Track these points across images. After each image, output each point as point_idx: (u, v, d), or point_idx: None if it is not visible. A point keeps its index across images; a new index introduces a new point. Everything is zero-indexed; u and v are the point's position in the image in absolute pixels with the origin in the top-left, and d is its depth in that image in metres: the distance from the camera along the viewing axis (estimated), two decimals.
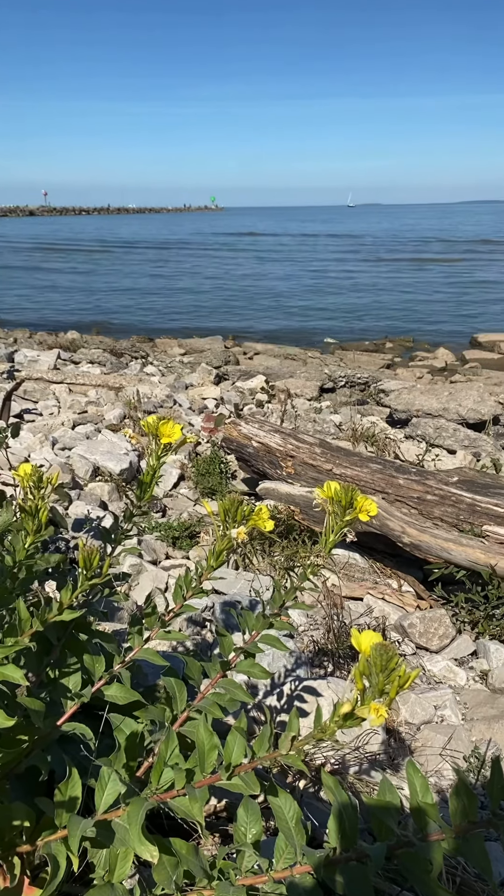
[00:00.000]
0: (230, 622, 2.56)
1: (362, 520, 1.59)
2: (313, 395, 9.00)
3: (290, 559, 3.39)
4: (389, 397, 7.86)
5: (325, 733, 1.06)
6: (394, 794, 1.20)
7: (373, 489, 3.61)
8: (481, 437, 6.31)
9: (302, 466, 3.95)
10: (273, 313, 20.79)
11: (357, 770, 1.93)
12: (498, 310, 20.56)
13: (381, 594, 3.22)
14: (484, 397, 7.35)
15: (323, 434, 6.21)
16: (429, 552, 3.13)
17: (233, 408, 7.29)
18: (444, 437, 6.14)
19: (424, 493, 3.52)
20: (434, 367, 13.49)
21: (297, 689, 2.11)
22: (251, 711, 2.02)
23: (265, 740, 1.16)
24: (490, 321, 18.39)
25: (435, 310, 21.04)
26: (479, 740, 2.22)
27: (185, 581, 1.61)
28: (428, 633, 2.85)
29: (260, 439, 4.19)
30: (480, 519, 3.27)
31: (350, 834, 1.11)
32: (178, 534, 3.71)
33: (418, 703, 2.34)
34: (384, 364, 13.55)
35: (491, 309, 20.89)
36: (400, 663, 1.07)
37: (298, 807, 1.19)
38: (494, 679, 2.59)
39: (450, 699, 2.38)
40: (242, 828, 1.17)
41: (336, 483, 1.59)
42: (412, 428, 6.50)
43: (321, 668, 2.57)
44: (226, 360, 11.74)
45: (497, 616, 2.91)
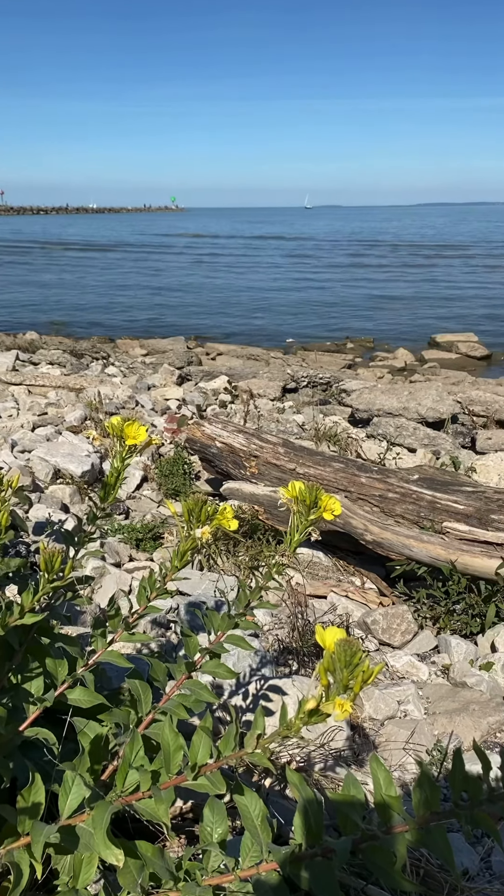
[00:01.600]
0: (195, 623, 2.55)
1: (326, 518, 1.61)
2: (276, 395, 9.03)
3: (255, 559, 3.40)
4: (351, 397, 7.94)
5: (291, 730, 1.07)
6: (358, 788, 1.21)
7: (336, 488, 3.64)
8: (440, 435, 6.42)
9: (266, 466, 3.96)
10: (234, 313, 20.81)
11: (322, 767, 1.94)
12: (454, 311, 20.94)
13: (344, 592, 3.25)
14: (442, 396, 7.48)
15: (286, 434, 6.24)
16: (391, 549, 3.17)
17: (196, 408, 7.27)
18: (404, 436, 6.23)
19: (386, 491, 3.56)
20: (394, 367, 13.67)
21: (262, 689, 2.12)
22: (217, 712, 2.02)
23: (231, 739, 1.16)
24: (447, 322, 18.73)
25: (394, 310, 21.33)
26: (442, 733, 2.26)
27: (149, 582, 1.60)
28: (391, 630, 2.89)
29: (223, 440, 4.19)
30: (440, 516, 3.33)
31: (315, 830, 1.12)
32: (141, 536, 3.68)
33: (382, 699, 2.37)
34: (345, 364, 13.68)
35: (448, 310, 21.27)
36: (364, 658, 1.08)
37: (264, 805, 1.19)
38: (455, 673, 2.64)
39: (412, 694, 2.41)
40: (208, 828, 1.17)
41: (300, 482, 1.60)
42: (373, 427, 6.58)
43: (286, 667, 2.58)
44: (188, 361, 11.70)
45: (457, 611, 2.97)
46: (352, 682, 1.07)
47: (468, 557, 2.94)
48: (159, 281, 28.89)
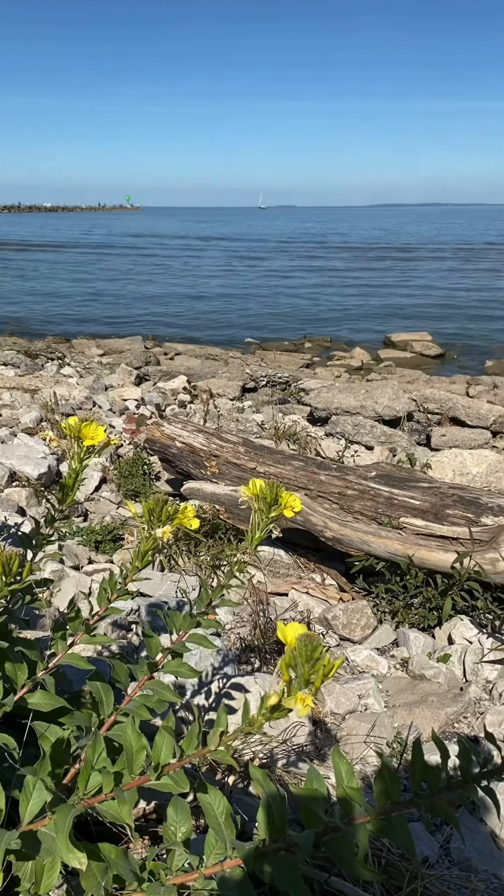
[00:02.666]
0: (157, 624, 2.54)
1: (287, 516, 1.62)
2: (235, 394, 9.04)
3: (217, 558, 3.40)
4: (310, 396, 8.00)
5: (254, 726, 1.08)
6: (321, 782, 1.23)
7: (296, 486, 3.67)
8: (397, 432, 6.52)
9: (226, 466, 3.97)
10: (191, 313, 20.76)
11: (285, 762, 1.96)
12: (407, 310, 21.28)
13: (305, 588, 3.27)
14: (398, 394, 7.60)
15: (246, 433, 6.26)
16: (350, 545, 3.21)
17: (155, 408, 7.23)
18: (362, 434, 6.31)
19: (345, 489, 3.60)
20: (351, 367, 13.83)
21: (224, 687, 2.12)
22: (179, 711, 2.02)
23: (194, 738, 1.17)
24: (401, 321, 19.02)
25: (349, 310, 21.58)
26: (402, 725, 2.30)
27: (109, 583, 1.59)
28: (351, 625, 2.93)
29: (183, 439, 4.18)
30: (398, 511, 3.38)
31: (279, 824, 1.13)
32: (101, 537, 3.64)
33: (343, 694, 2.40)
34: (304, 363, 13.78)
35: (401, 309, 21.61)
36: (325, 653, 1.10)
37: (228, 802, 1.20)
38: (414, 666, 2.69)
39: (373, 688, 2.45)
40: (172, 827, 1.17)
41: (261, 481, 1.61)
42: (332, 425, 6.64)
43: (248, 665, 2.59)
44: (146, 361, 11.62)
45: (415, 605, 3.02)
46: (313, 677, 1.09)
47: (425, 552, 2.99)
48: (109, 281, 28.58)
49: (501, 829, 1.85)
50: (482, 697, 2.51)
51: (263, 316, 20.60)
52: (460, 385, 11.36)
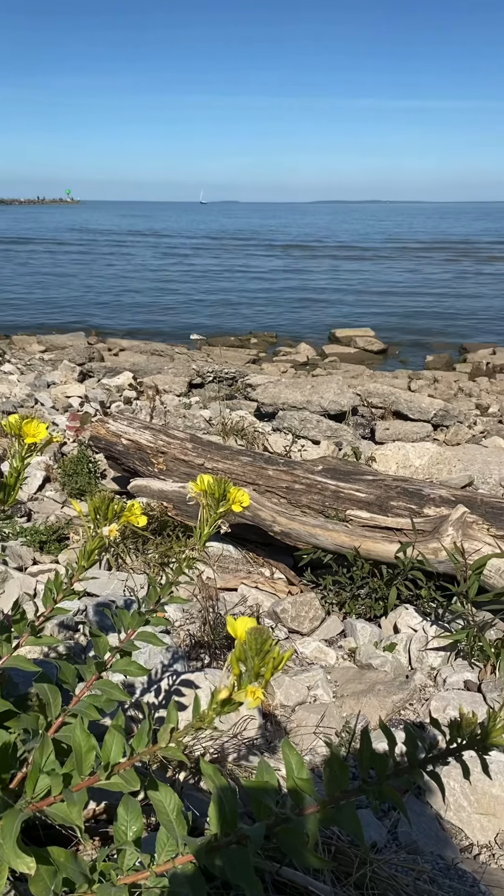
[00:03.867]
0: (105, 623, 2.51)
1: (235, 510, 1.63)
2: (182, 390, 9.00)
3: (165, 555, 3.38)
4: (256, 391, 8.03)
5: (204, 721, 1.08)
6: (271, 774, 1.24)
7: (244, 481, 3.67)
8: (342, 427, 6.62)
9: (174, 462, 3.94)
10: (133, 308, 20.54)
11: (236, 757, 1.97)
12: (352, 307, 21.58)
13: (254, 583, 3.29)
14: (343, 389, 7.71)
15: (193, 429, 6.23)
16: (298, 539, 3.24)
17: (99, 406, 7.12)
18: (308, 429, 6.37)
19: (293, 483, 3.63)
20: (297, 362, 13.94)
21: (174, 684, 2.11)
22: (129, 710, 2.00)
23: (144, 735, 1.16)
24: (344, 317, 19.28)
25: (292, 306, 21.74)
26: (350, 715, 2.34)
27: (55, 584, 1.57)
28: (299, 617, 2.96)
29: (129, 436, 4.13)
30: (344, 504, 3.43)
31: (230, 818, 1.13)
32: (45, 538, 3.57)
33: (292, 686, 2.43)
34: (250, 359, 13.81)
35: (345, 304, 21.91)
36: (274, 645, 1.11)
37: (179, 799, 1.20)
38: (361, 655, 2.74)
39: (321, 679, 2.48)
40: (123, 826, 1.16)
41: (209, 476, 1.61)
42: (279, 420, 6.68)
43: (198, 661, 2.59)
44: (90, 357, 11.43)
45: (362, 596, 3.08)
46: (263, 670, 1.09)
47: (370, 543, 3.05)
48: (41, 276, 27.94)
49: (446, 811, 1.91)
50: (427, 684, 2.58)
51: (207, 311, 20.55)
52: (402, 380, 11.60)
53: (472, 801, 1.91)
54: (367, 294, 24.48)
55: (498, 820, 1.90)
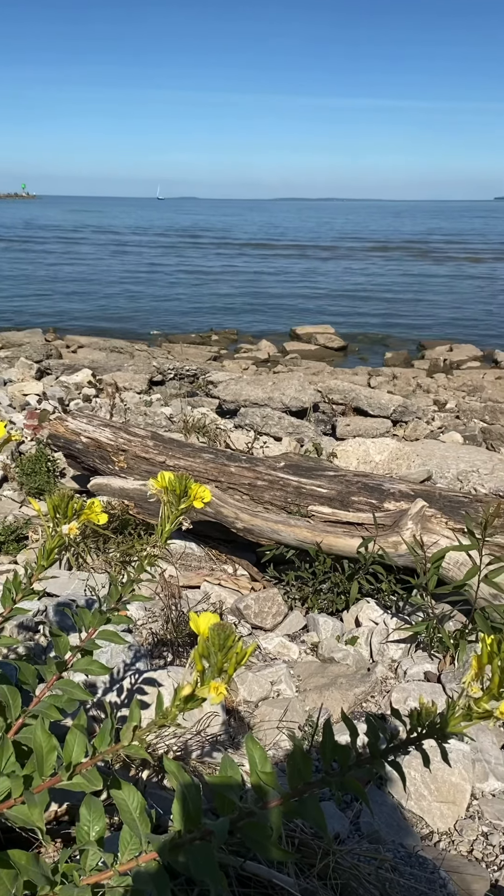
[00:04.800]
0: (65, 623, 2.47)
1: (197, 507, 1.62)
2: (143, 388, 8.92)
3: (127, 554, 3.35)
4: (218, 388, 8.01)
5: (167, 718, 1.08)
6: (235, 769, 1.24)
7: (206, 478, 3.67)
8: (304, 423, 6.66)
9: (135, 460, 3.91)
10: (90, 305, 20.29)
11: (199, 753, 1.96)
12: (311, 304, 21.72)
13: (217, 580, 3.29)
14: (304, 386, 7.75)
15: (154, 427, 6.19)
16: (261, 535, 3.25)
17: (58, 403, 7.02)
18: (270, 425, 6.39)
19: (255, 480, 3.64)
20: (258, 359, 13.97)
21: (137, 682, 2.10)
22: (91, 710, 1.98)
23: (106, 734, 1.15)
24: (302, 313, 19.38)
25: (251, 303, 21.77)
26: (313, 708, 2.35)
27: (13, 584, 1.54)
28: (262, 613, 2.97)
29: (89, 434, 4.08)
30: (306, 500, 3.46)
31: (194, 814, 1.13)
32: (3, 538, 3.51)
33: (255, 681, 2.44)
34: (211, 356, 13.78)
35: (306, 301, 22.03)
36: (237, 640, 1.11)
37: (142, 797, 1.19)
38: (324, 649, 2.76)
39: (284, 674, 2.50)
40: (85, 827, 1.15)
41: (170, 473, 1.60)
42: (241, 417, 6.69)
43: (161, 659, 2.58)
44: (47, 354, 11.25)
45: (324, 590, 3.10)
46: (226, 665, 1.10)
47: (332, 538, 3.07)
48: None
49: (407, 801, 1.94)
50: (388, 676, 2.62)
51: (165, 308, 20.42)
52: (362, 376, 11.72)
53: (433, 789, 1.94)
54: (326, 291, 24.66)
55: (457, 807, 1.94)
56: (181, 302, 21.63)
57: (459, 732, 1.21)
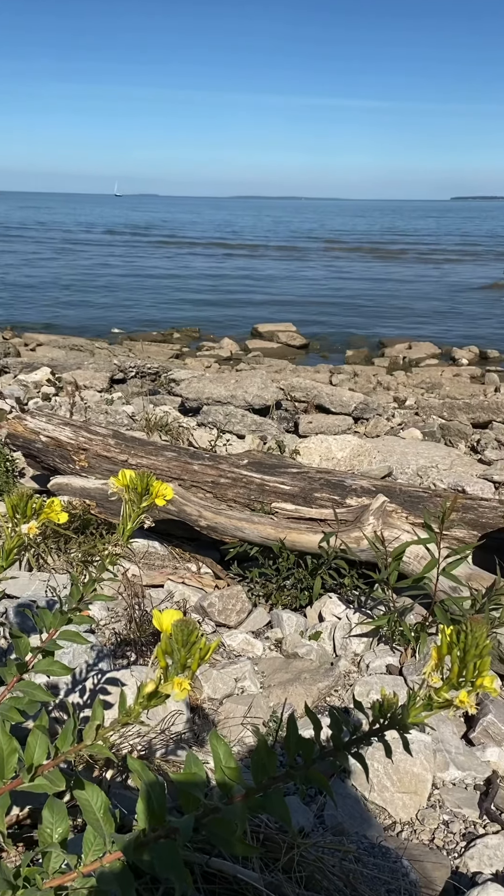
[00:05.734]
0: (26, 625, 2.44)
1: (159, 504, 1.61)
2: (104, 386, 8.83)
3: (89, 554, 3.32)
4: (180, 386, 7.98)
5: (131, 716, 1.07)
6: (199, 766, 1.24)
7: (169, 477, 3.65)
8: (266, 421, 6.68)
9: (96, 459, 3.87)
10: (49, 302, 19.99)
11: (164, 752, 1.96)
12: (273, 302, 21.79)
13: (180, 579, 3.28)
14: (267, 384, 7.77)
15: (116, 425, 6.13)
16: (225, 532, 3.25)
17: (16, 402, 6.89)
18: (233, 423, 6.39)
19: (218, 477, 3.64)
20: (220, 357, 13.96)
21: (100, 683, 2.08)
22: (53, 712, 1.95)
23: (69, 734, 1.14)
24: (265, 312, 19.44)
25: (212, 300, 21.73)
26: (277, 704, 2.37)
27: None
28: (227, 611, 2.97)
29: (49, 433, 4.02)
30: (269, 497, 3.47)
31: (158, 812, 1.13)
32: None
33: (220, 679, 2.44)
34: (173, 354, 13.72)
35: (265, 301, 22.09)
36: (200, 636, 1.11)
37: (106, 797, 1.18)
38: (288, 645, 2.78)
39: (248, 670, 2.50)
40: (48, 829, 1.13)
41: (131, 471, 1.59)
42: (203, 415, 6.67)
43: (125, 659, 2.56)
44: (5, 352, 11.05)
45: (288, 586, 3.12)
46: (190, 661, 1.09)
47: (295, 534, 3.09)
48: None
49: (370, 792, 1.97)
50: (351, 670, 2.65)
51: (124, 305, 20.24)
52: (324, 374, 11.82)
53: (395, 780, 1.97)
54: (286, 290, 24.76)
55: (419, 797, 1.97)
56: (140, 300, 21.48)
57: (420, 722, 1.23)
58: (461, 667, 1.13)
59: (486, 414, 8.29)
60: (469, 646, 1.12)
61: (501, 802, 1.99)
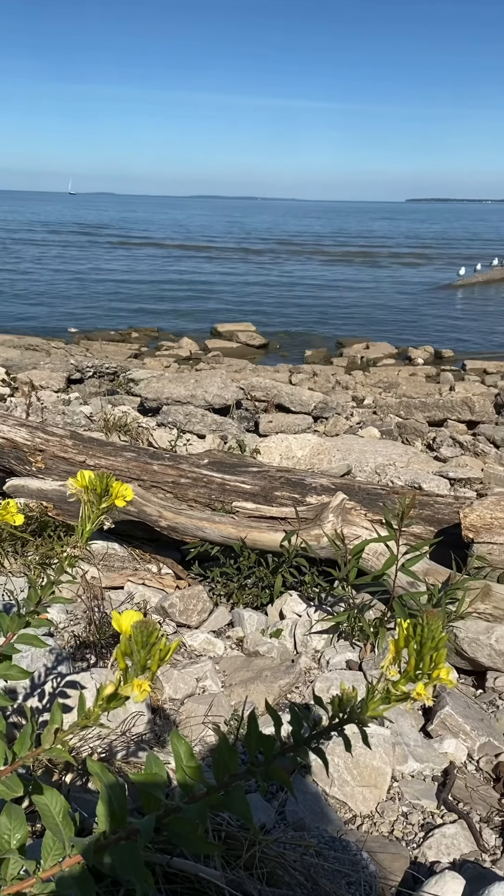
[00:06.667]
0: None
1: (119, 505, 1.60)
2: (61, 386, 8.71)
3: (46, 557, 3.27)
4: (139, 386, 7.92)
5: (90, 719, 1.06)
6: (160, 766, 1.24)
7: (129, 477, 3.62)
8: (227, 420, 6.68)
9: (53, 460, 3.81)
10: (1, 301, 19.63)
11: (125, 754, 1.94)
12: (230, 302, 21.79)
13: (141, 580, 3.26)
14: (227, 383, 7.77)
15: (74, 426, 6.05)
16: (185, 533, 3.24)
17: None
18: (193, 423, 6.38)
19: (178, 477, 3.63)
20: (180, 357, 13.91)
21: (59, 686, 2.06)
22: (11, 717, 1.92)
23: (27, 739, 1.12)
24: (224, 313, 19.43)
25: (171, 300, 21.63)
26: (238, 703, 2.37)
27: None
28: (188, 611, 2.96)
29: (3, 434, 3.95)
30: (230, 496, 3.47)
31: (119, 814, 1.12)
32: None
33: (181, 679, 2.43)
34: (132, 354, 13.61)
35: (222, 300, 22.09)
36: (161, 637, 1.10)
37: (66, 801, 1.17)
38: (249, 644, 2.79)
39: (210, 669, 2.50)
40: (6, 835, 1.12)
41: (90, 472, 1.57)
42: (163, 415, 6.64)
43: (84, 662, 2.53)
44: None
45: (249, 585, 3.13)
46: (150, 662, 1.09)
47: (256, 533, 3.10)
48: None
49: (331, 787, 1.99)
50: (312, 667, 2.67)
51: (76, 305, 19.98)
52: (284, 373, 11.88)
53: (355, 774, 2.00)
54: (242, 290, 24.80)
55: (379, 790, 2.00)
56: (96, 299, 21.23)
57: (379, 716, 1.25)
58: (418, 659, 1.15)
59: (442, 412, 8.46)
60: (425, 639, 1.14)
61: (458, 792, 2.04)
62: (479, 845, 1.84)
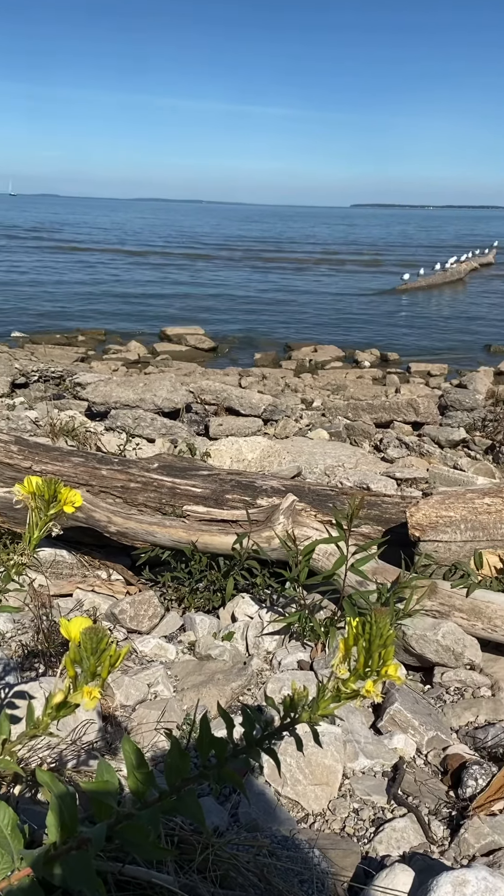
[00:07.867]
0: None
1: (68, 511, 1.58)
2: (5, 391, 8.52)
3: None
4: (87, 390, 7.81)
5: (39, 728, 1.04)
6: (112, 774, 1.23)
7: (77, 482, 3.56)
8: (177, 424, 6.65)
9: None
10: None
11: (75, 763, 1.91)
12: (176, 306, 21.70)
13: (90, 587, 3.21)
14: (176, 387, 7.74)
15: (19, 431, 5.93)
16: (136, 538, 3.21)
17: None
18: (142, 427, 6.33)
19: (128, 482, 3.59)
20: (128, 360, 13.78)
21: (7, 697, 2.01)
22: None
23: None
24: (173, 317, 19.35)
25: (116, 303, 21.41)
26: (191, 707, 2.37)
27: None
28: (138, 617, 2.94)
29: None
30: (181, 500, 3.46)
31: (70, 824, 1.11)
32: None
33: (132, 685, 2.41)
34: (78, 357, 13.41)
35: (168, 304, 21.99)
36: (111, 643, 1.10)
37: (14, 813, 1.15)
38: (201, 647, 2.78)
39: (161, 675, 2.49)
40: None
41: (37, 478, 1.55)
42: (112, 420, 6.57)
43: (33, 671, 2.48)
44: None
45: (200, 589, 3.12)
46: (99, 669, 1.08)
47: (208, 536, 3.10)
48: None
49: (283, 787, 2.00)
50: (264, 668, 2.68)
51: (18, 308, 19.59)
52: (233, 377, 11.90)
53: (307, 773, 2.02)
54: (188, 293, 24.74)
55: (330, 788, 2.03)
56: (39, 302, 20.84)
57: (330, 714, 1.27)
58: (367, 657, 1.17)
59: (388, 414, 8.62)
60: (374, 636, 1.16)
61: (408, 786, 2.08)
62: (428, 837, 1.89)
